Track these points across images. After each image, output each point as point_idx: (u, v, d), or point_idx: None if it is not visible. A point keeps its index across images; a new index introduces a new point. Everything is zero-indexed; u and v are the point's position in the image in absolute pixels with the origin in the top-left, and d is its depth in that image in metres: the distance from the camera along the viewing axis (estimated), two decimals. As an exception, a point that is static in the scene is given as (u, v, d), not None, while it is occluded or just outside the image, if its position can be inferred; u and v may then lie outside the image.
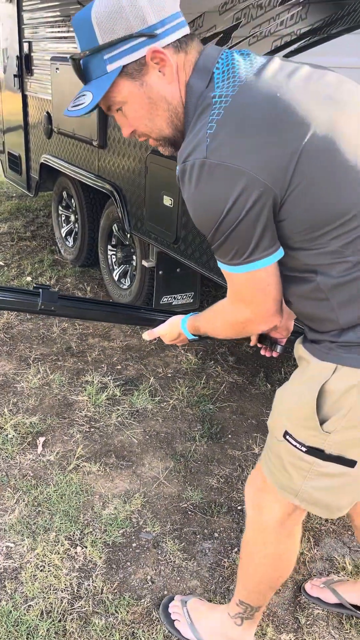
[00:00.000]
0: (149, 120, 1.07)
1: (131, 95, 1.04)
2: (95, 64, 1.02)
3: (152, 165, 2.89)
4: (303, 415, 1.13)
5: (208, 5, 2.30)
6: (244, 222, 0.97)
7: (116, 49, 0.99)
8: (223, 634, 1.56)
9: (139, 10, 0.98)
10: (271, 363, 3.12)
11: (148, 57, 1.01)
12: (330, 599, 1.74)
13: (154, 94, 1.04)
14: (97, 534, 1.95)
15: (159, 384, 2.85)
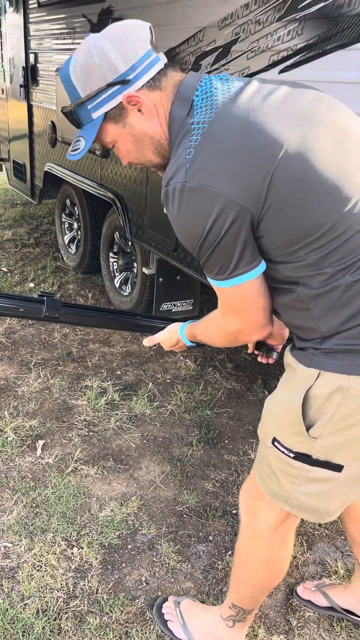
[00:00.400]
0: (138, 153, 1.18)
1: (117, 135, 1.15)
2: (82, 113, 1.13)
3: (153, 175, 2.94)
4: (290, 421, 1.17)
5: (208, 21, 2.36)
6: (224, 241, 1.03)
7: (96, 99, 1.10)
8: (214, 635, 1.59)
9: (109, 62, 1.07)
10: (269, 370, 3.15)
11: (124, 101, 1.11)
12: (321, 602, 1.77)
13: (136, 132, 1.14)
14: (93, 535, 1.98)
15: (157, 390, 2.89)
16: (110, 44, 1.07)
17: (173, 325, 1.55)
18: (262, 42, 2.10)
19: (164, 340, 1.57)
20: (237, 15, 2.22)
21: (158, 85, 1.11)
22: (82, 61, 1.09)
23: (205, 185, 1.01)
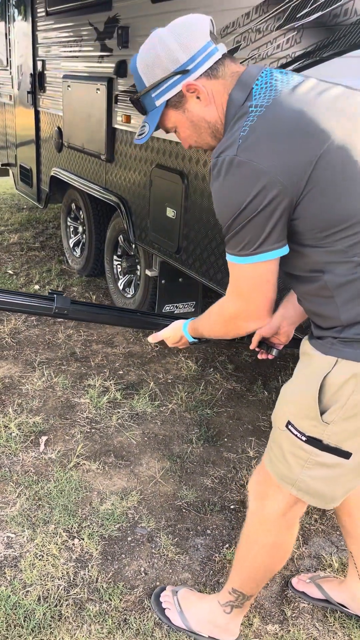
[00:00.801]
0: (197, 137, 1.28)
1: (178, 121, 1.27)
2: (147, 100, 1.26)
3: (156, 179, 3.01)
4: (305, 406, 1.23)
5: (211, 29, 2.43)
6: (259, 216, 1.10)
7: (159, 88, 1.22)
8: (211, 621, 1.63)
9: (171, 54, 1.19)
10: (269, 371, 3.20)
11: (184, 89, 1.22)
12: (315, 594, 1.81)
13: (195, 117, 1.25)
14: (94, 527, 2.03)
15: (158, 389, 2.94)
16: (173, 36, 1.19)
17: (176, 322, 1.60)
18: (262, 50, 2.17)
19: (168, 337, 1.62)
20: (239, 24, 2.28)
21: (216, 74, 1.20)
22: (147, 53, 1.21)
23: (253, 161, 1.08)
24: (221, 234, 2.53)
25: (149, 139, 3.03)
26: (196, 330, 1.52)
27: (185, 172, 2.74)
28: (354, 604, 1.74)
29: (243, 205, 1.10)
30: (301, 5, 1.97)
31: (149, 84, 1.23)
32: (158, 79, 1.21)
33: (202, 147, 1.31)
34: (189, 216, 2.77)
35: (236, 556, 1.57)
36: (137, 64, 1.24)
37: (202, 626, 1.65)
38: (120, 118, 3.32)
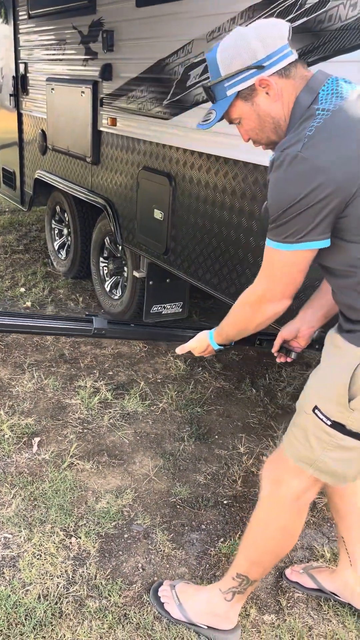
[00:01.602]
0: (259, 130, 1.37)
1: (244, 112, 1.36)
2: (219, 89, 1.35)
3: (143, 181, 3.04)
4: (335, 393, 1.32)
5: (197, 33, 2.48)
6: (310, 210, 1.20)
7: (233, 79, 1.32)
8: (210, 611, 1.67)
9: (251, 49, 1.29)
10: (256, 369, 3.25)
11: (257, 84, 1.31)
12: (308, 583, 1.86)
13: (261, 111, 1.34)
14: (90, 525, 2.05)
15: (149, 389, 2.97)
16: (255, 34, 1.29)
17: (202, 333, 1.70)
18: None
19: (194, 347, 1.72)
20: (224, 29, 2.33)
21: (287, 75, 1.30)
22: (228, 45, 1.31)
23: (315, 159, 1.17)
24: (209, 235, 2.58)
25: (135, 141, 3.07)
26: (221, 332, 1.61)
27: (173, 174, 2.78)
28: (346, 591, 1.79)
29: (298, 198, 1.19)
30: (287, 11, 2.03)
31: (225, 74, 1.31)
32: (234, 70, 1.30)
33: (260, 141, 1.40)
34: (177, 218, 2.80)
35: (244, 541, 1.62)
36: (217, 54, 1.33)
37: (201, 617, 1.68)
38: (106, 121, 3.34)
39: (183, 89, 2.62)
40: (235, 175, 2.38)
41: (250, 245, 2.35)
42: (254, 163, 2.26)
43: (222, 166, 2.44)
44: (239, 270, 2.43)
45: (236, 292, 2.46)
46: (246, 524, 2.07)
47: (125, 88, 3.11)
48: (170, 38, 2.67)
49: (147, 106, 2.92)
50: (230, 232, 2.45)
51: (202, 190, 2.59)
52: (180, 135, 2.69)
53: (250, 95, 1.33)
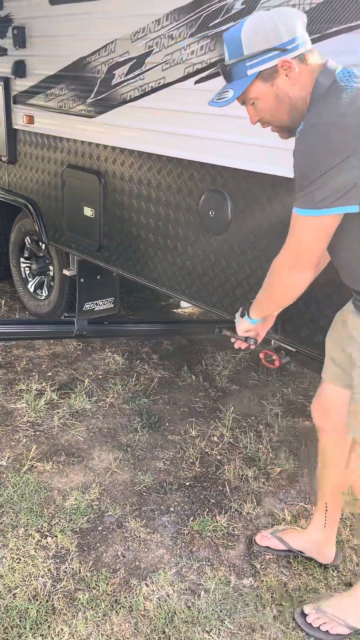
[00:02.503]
0: (274, 111, 1.43)
1: (262, 93, 1.41)
2: (238, 68, 1.39)
3: (69, 179, 3.04)
4: None
5: (120, 33, 2.52)
6: (347, 173, 1.27)
7: (256, 59, 1.38)
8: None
9: (277, 32, 1.36)
10: (191, 357, 3.39)
11: (279, 65, 1.37)
12: (277, 546, 2.03)
13: (280, 92, 1.40)
14: (63, 523, 2.08)
15: (93, 386, 3.00)
16: (281, 18, 1.37)
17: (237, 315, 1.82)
18: (176, 56, 2.31)
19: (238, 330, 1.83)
20: (149, 30, 2.41)
21: (305, 60, 1.39)
22: (255, 25, 1.37)
23: (353, 124, 1.26)
24: (145, 230, 2.65)
25: (56, 139, 3.05)
26: (258, 305, 1.72)
27: (102, 171, 2.82)
28: (313, 549, 1.97)
29: (337, 162, 1.26)
30: (213, 15, 2.15)
31: (248, 53, 1.36)
32: (258, 50, 1.35)
33: (271, 123, 1.47)
34: (109, 214, 2.85)
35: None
36: (240, 33, 1.37)
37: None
38: (22, 119, 3.28)
39: (108, 88, 2.65)
40: (170, 172, 2.47)
41: (188, 238, 2.46)
42: (188, 159, 2.37)
43: (155, 163, 2.53)
44: (179, 263, 2.54)
45: (177, 284, 2.57)
46: (210, 502, 2.21)
47: (42, 85, 3.08)
48: (92, 37, 2.69)
49: (69, 104, 2.92)
50: (168, 227, 2.54)
51: (134, 187, 2.65)
52: (108, 133, 2.73)
53: (270, 76, 1.38)
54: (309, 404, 2.94)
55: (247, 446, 2.57)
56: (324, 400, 1.81)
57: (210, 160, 2.28)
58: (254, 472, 2.41)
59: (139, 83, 2.50)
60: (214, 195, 2.29)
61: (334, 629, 1.73)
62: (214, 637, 1.71)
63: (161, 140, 2.46)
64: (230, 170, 2.21)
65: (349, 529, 2.14)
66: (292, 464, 2.47)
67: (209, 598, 1.83)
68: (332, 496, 1.90)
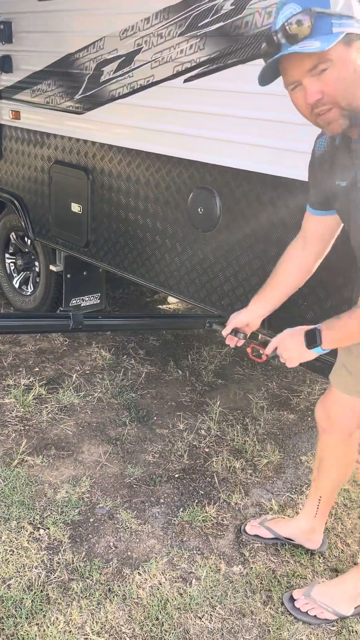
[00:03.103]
0: (350, 85, 1.22)
1: (342, 58, 1.21)
2: (322, 22, 1.18)
3: (56, 175, 3.05)
4: None
5: (109, 30, 2.54)
6: None
7: (342, 19, 1.19)
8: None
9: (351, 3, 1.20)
10: (177, 352, 3.43)
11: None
12: (266, 534, 2.08)
13: (358, 66, 1.22)
14: (55, 516, 2.10)
15: (81, 380, 3.02)
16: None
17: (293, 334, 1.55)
18: (166, 54, 2.35)
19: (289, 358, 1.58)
20: (139, 28, 2.43)
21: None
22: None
23: None
24: (133, 226, 2.68)
25: (44, 135, 3.06)
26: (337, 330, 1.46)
27: (90, 168, 2.84)
28: (301, 536, 2.03)
29: None
30: (203, 15, 2.18)
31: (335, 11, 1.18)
32: (347, 13, 1.19)
33: (337, 101, 1.23)
34: (97, 210, 2.87)
35: None
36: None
37: (350, 603, 1.78)
38: (8, 114, 3.28)
39: (97, 84, 2.68)
40: (159, 169, 2.50)
41: (177, 234, 2.50)
42: (177, 157, 2.40)
43: (143, 160, 2.56)
44: (167, 259, 2.58)
45: (165, 280, 2.61)
46: (199, 493, 2.25)
47: (29, 81, 3.08)
48: (80, 33, 2.70)
49: (57, 100, 2.93)
50: (156, 223, 2.58)
51: (123, 183, 2.68)
52: (96, 130, 2.75)
53: (353, 42, 1.20)
54: (293, 397, 3.01)
55: (234, 439, 2.62)
56: (331, 405, 1.80)
57: (199, 158, 2.32)
58: (242, 463, 2.47)
59: (128, 80, 2.53)
60: (202, 193, 2.33)
61: (322, 615, 1.79)
62: (205, 623, 1.76)
63: (150, 138, 2.49)
64: (218, 167, 2.25)
65: (333, 517, 2.20)
66: (277, 456, 2.53)
67: (200, 585, 1.88)
68: (330, 491, 1.95)
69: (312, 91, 1.23)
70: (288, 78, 1.27)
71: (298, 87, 1.27)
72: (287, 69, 1.26)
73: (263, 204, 2.14)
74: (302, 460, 2.52)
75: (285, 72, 1.27)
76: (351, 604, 1.81)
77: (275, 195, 2.09)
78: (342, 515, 2.23)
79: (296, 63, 1.23)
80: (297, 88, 1.27)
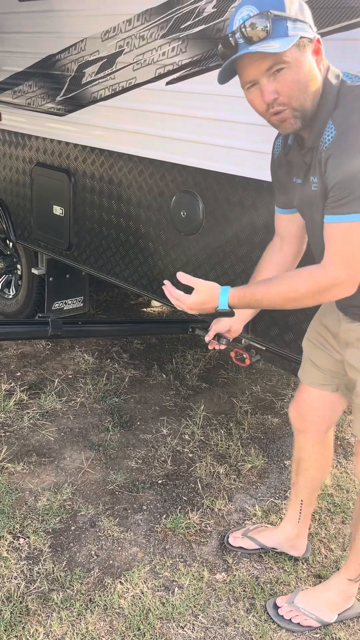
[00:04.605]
0: (303, 87, 1.27)
1: (297, 61, 1.25)
2: (279, 25, 1.22)
3: (38, 177, 3.02)
4: None
5: (90, 31, 2.52)
6: None
7: (297, 23, 1.24)
8: (344, 598, 1.79)
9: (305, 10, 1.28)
10: (161, 356, 3.41)
11: (315, 41, 1.27)
12: (250, 545, 2.05)
13: (312, 68, 1.28)
14: (36, 524, 2.07)
15: (62, 385, 2.99)
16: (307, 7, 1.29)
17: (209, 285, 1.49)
18: (148, 56, 2.32)
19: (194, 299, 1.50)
20: (120, 30, 2.41)
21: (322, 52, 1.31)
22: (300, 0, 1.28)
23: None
24: (116, 229, 2.65)
25: (24, 137, 3.02)
26: (251, 297, 1.45)
27: (72, 170, 2.81)
28: (285, 544, 2.01)
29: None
30: (184, 18, 2.17)
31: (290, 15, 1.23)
32: (301, 18, 1.25)
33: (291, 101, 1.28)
34: (79, 213, 2.84)
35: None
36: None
37: (333, 609, 1.78)
38: (-12, 115, 3.23)
39: (78, 86, 2.65)
40: (141, 172, 2.48)
41: (160, 238, 2.47)
42: (159, 160, 2.38)
43: (126, 162, 2.53)
44: (150, 262, 2.55)
45: (148, 283, 2.58)
46: (182, 499, 2.24)
47: (10, 82, 3.04)
48: (61, 34, 2.67)
49: (38, 101, 2.89)
50: (139, 227, 2.55)
51: (105, 186, 2.65)
52: (78, 132, 2.72)
53: (306, 47, 1.26)
54: (277, 401, 3.00)
55: (218, 443, 2.60)
56: (303, 403, 1.81)
57: (181, 161, 2.30)
58: (225, 468, 2.45)
59: (110, 82, 2.50)
60: (185, 196, 2.31)
61: (305, 622, 1.78)
62: (188, 632, 1.74)
63: (132, 140, 2.47)
64: (201, 171, 2.23)
65: (317, 522, 2.20)
66: (261, 460, 2.51)
67: (182, 594, 1.85)
68: (310, 492, 1.94)
69: (268, 90, 1.27)
70: (245, 77, 1.31)
71: (254, 86, 1.30)
72: (244, 68, 1.29)
73: (245, 207, 2.12)
74: (286, 464, 2.51)
75: (242, 71, 1.30)
76: (334, 611, 1.80)
77: (258, 198, 2.08)
78: (325, 521, 2.22)
79: (254, 63, 1.26)
80: (254, 87, 1.31)
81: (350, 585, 1.80)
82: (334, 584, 1.82)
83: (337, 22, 1.75)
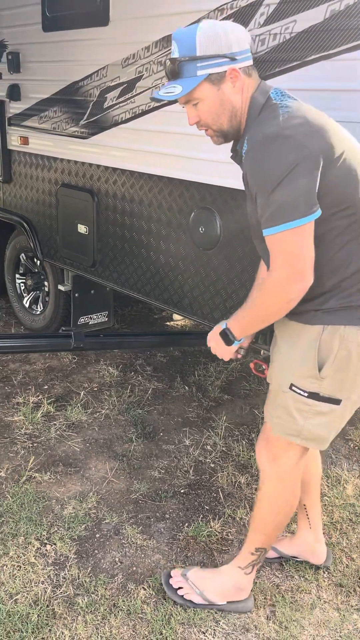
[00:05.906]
0: (216, 115, 1.53)
1: (207, 95, 1.51)
2: (189, 67, 1.48)
3: (63, 198, 3.14)
4: (306, 368, 1.54)
5: (111, 59, 2.64)
6: (305, 180, 1.35)
7: (207, 61, 1.47)
8: (235, 587, 1.84)
9: (229, 41, 1.47)
10: (184, 368, 3.47)
11: (228, 72, 1.48)
12: (271, 554, 2.07)
13: (225, 97, 1.51)
14: (62, 532, 2.14)
15: (88, 398, 3.07)
16: (232, 29, 1.49)
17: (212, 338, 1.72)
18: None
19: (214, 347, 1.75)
20: (139, 56, 2.52)
21: (249, 74, 1.52)
22: (210, 30, 1.47)
23: (297, 137, 1.37)
24: (138, 246, 2.74)
25: (51, 159, 3.16)
26: (240, 321, 1.62)
27: (95, 190, 2.92)
28: (306, 552, 2.04)
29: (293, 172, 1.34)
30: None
31: (201, 54, 1.44)
32: (210, 53, 1.45)
33: (210, 126, 1.54)
34: (102, 231, 2.94)
35: (256, 519, 1.79)
36: (196, 34, 1.46)
37: (223, 596, 1.84)
38: (17, 140, 3.39)
39: (101, 110, 2.76)
40: (161, 190, 2.57)
41: (179, 253, 2.55)
42: (178, 178, 2.47)
43: (146, 181, 2.63)
44: (170, 277, 2.63)
45: (169, 297, 2.66)
46: (204, 508, 2.28)
47: (36, 108, 3.19)
48: (84, 62, 2.80)
49: (63, 126, 3.03)
50: (159, 243, 2.64)
51: (127, 205, 2.75)
52: (101, 154, 2.84)
53: (218, 80, 1.48)
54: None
55: (240, 454, 2.64)
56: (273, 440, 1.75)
57: (199, 179, 2.38)
58: (247, 478, 2.49)
59: (130, 106, 2.61)
60: (203, 212, 2.39)
61: (188, 596, 1.85)
62: (209, 637, 1.78)
63: (151, 160, 2.57)
64: (218, 188, 2.31)
65: (339, 532, 2.21)
66: (283, 471, 2.54)
67: (204, 600, 1.89)
68: (306, 495, 1.97)
69: (190, 117, 1.56)
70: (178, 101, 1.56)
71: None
72: None
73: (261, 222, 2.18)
74: (308, 474, 2.53)
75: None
76: (223, 597, 1.85)
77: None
78: (347, 530, 2.23)
79: None
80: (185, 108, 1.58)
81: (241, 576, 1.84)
82: (228, 570, 1.89)
83: (345, 42, 1.82)
